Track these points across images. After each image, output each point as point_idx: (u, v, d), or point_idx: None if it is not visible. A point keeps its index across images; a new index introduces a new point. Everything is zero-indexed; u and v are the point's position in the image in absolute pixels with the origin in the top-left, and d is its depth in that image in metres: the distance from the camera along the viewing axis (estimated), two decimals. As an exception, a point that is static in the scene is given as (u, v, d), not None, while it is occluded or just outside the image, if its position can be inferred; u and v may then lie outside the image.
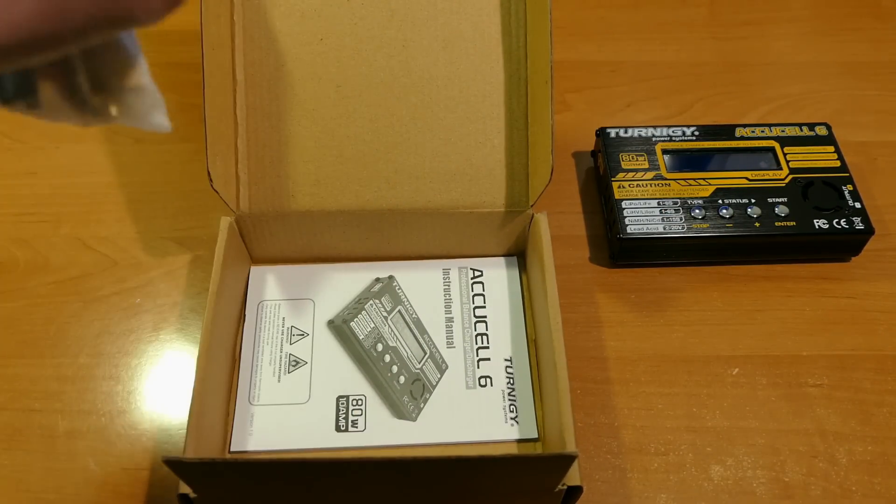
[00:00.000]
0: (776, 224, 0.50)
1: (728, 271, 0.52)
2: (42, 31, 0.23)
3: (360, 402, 0.45)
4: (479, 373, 0.46)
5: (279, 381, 0.46)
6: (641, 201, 0.51)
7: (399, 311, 0.48)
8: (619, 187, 0.52)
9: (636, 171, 0.53)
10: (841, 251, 0.52)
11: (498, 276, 0.50)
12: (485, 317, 0.49)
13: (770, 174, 0.53)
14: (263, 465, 0.32)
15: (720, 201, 0.51)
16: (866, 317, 0.50)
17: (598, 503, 0.42)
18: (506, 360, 0.47)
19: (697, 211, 0.51)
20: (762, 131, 0.55)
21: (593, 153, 0.58)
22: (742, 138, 0.55)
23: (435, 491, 0.38)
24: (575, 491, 0.36)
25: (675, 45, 0.67)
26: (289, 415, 0.44)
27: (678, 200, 0.51)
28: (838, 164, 0.53)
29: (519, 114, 0.47)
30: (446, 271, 0.51)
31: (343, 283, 0.50)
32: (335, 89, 0.47)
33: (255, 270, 0.51)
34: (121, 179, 0.57)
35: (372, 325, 0.48)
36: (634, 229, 0.50)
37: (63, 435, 0.45)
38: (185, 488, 0.35)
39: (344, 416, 0.44)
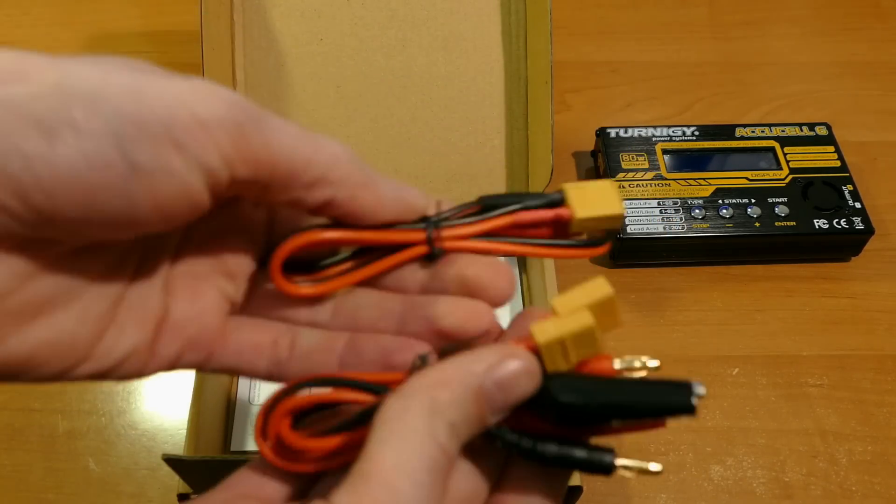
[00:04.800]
0: (776, 224, 0.50)
1: (728, 271, 0.52)
2: None
3: (360, 402, 0.45)
4: (479, 373, 0.46)
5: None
6: (641, 201, 0.51)
7: (399, 311, 0.48)
8: (619, 187, 0.52)
9: (636, 171, 0.53)
10: (841, 251, 0.52)
11: (498, 276, 0.50)
12: (485, 317, 0.48)
13: (770, 174, 0.53)
14: (263, 464, 0.32)
15: (720, 201, 0.51)
16: (866, 317, 0.50)
17: (598, 503, 0.42)
18: (506, 360, 0.46)
19: (697, 211, 0.51)
20: (762, 131, 0.55)
21: (593, 153, 0.58)
22: (742, 138, 0.55)
23: (435, 491, 0.38)
24: (575, 491, 0.36)
25: (675, 45, 0.67)
26: (289, 415, 0.44)
27: (678, 200, 0.51)
28: (838, 164, 0.53)
29: (519, 114, 0.47)
30: (446, 271, 0.50)
31: (343, 283, 0.50)
32: (335, 89, 0.47)
33: (255, 270, 0.50)
34: (121, 179, 0.57)
35: (372, 325, 0.48)
36: (634, 229, 0.50)
37: (63, 435, 0.45)
38: (184, 488, 0.36)
39: (344, 416, 0.44)
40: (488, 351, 0.20)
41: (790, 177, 0.53)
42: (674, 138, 0.55)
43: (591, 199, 0.23)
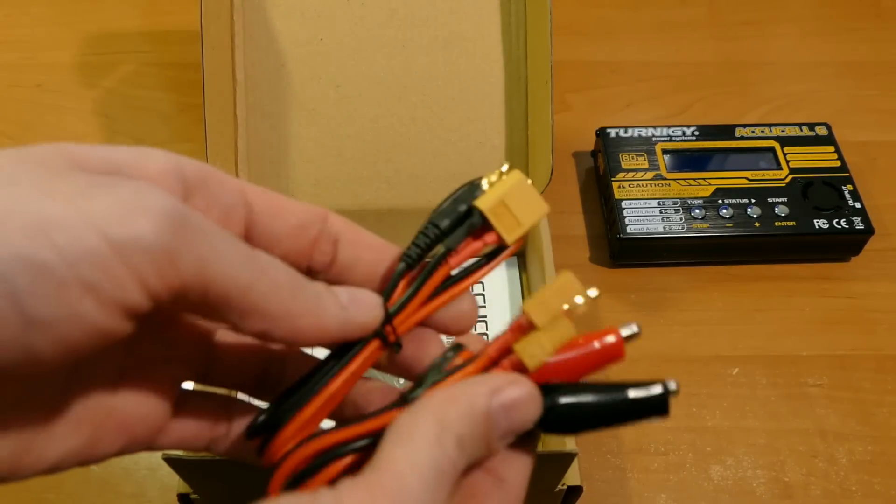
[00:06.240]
0: (776, 224, 0.50)
1: (728, 271, 0.52)
2: None
3: (360, 402, 0.45)
4: (479, 373, 0.46)
5: (279, 380, 0.46)
6: (641, 201, 0.51)
7: (399, 311, 0.48)
8: (619, 187, 0.52)
9: (636, 171, 0.53)
10: (841, 251, 0.52)
11: (498, 276, 0.50)
12: (485, 317, 0.48)
13: (770, 174, 0.53)
14: (263, 464, 0.32)
15: (720, 201, 0.51)
16: (866, 317, 0.50)
17: (598, 503, 0.42)
18: (506, 359, 0.47)
19: (697, 211, 0.51)
20: (762, 131, 0.55)
21: (593, 153, 0.58)
22: (742, 138, 0.55)
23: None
24: (575, 491, 0.36)
25: (675, 45, 0.67)
26: (289, 415, 0.44)
27: (678, 200, 0.51)
28: (838, 163, 0.53)
29: (519, 114, 0.47)
30: (446, 271, 0.50)
31: (343, 283, 0.50)
32: (335, 89, 0.47)
33: (255, 270, 0.50)
34: (121, 179, 0.57)
35: (372, 325, 0.48)
36: (634, 229, 0.50)
37: (63, 435, 0.45)
38: (184, 488, 0.35)
39: (344, 415, 0.44)
40: (494, 376, 0.21)
41: (790, 177, 0.53)
42: (674, 138, 0.55)
43: (515, 208, 0.24)
